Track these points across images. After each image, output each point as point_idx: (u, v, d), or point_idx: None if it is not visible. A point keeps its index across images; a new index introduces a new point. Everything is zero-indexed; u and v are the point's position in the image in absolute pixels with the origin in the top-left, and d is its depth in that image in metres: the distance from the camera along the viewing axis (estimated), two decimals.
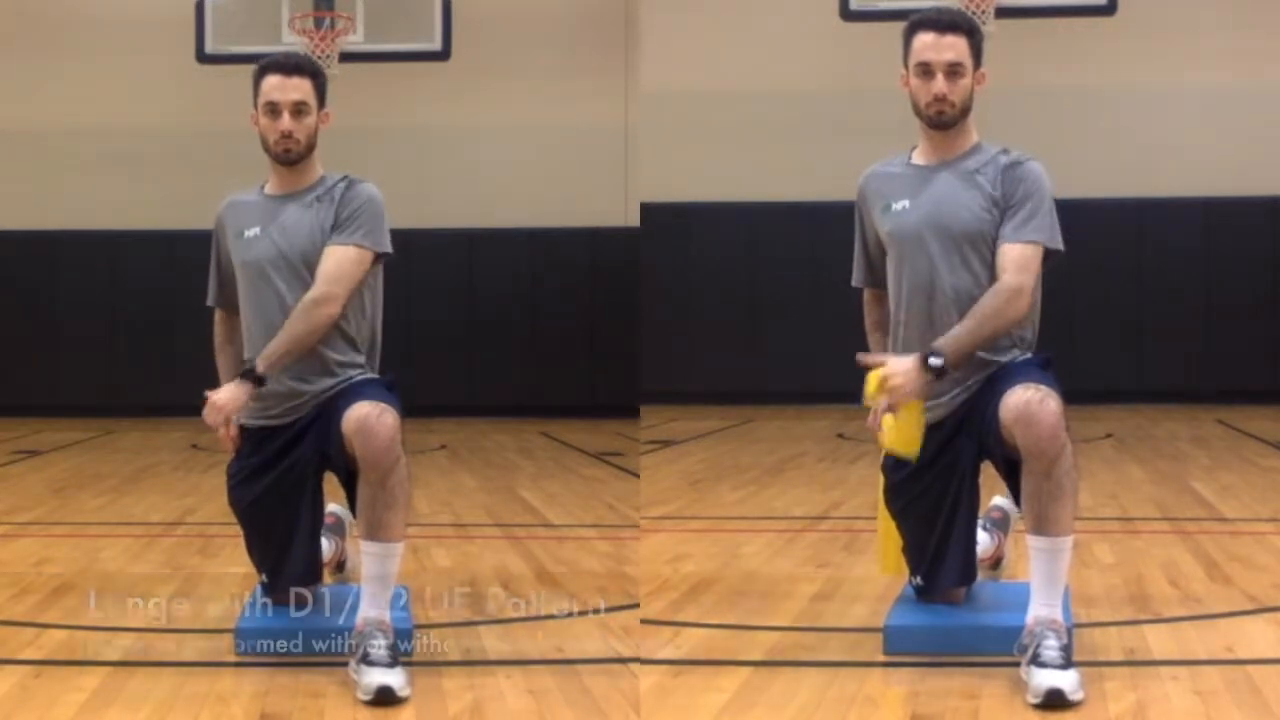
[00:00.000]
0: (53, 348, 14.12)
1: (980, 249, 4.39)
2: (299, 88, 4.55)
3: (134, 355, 14.05)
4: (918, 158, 4.56)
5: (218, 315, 4.80)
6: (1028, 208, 4.37)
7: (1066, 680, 3.89)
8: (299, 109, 4.54)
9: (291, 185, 4.61)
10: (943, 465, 4.42)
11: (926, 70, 4.42)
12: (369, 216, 4.53)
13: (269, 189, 4.66)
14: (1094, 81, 13.76)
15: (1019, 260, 4.34)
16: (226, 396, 4.34)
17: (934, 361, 4.16)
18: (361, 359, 4.56)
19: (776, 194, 14.05)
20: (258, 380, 4.34)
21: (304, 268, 4.51)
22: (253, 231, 4.58)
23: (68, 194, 14.16)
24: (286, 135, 4.53)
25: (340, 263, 4.48)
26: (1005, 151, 4.48)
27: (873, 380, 4.18)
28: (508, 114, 14.17)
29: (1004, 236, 4.37)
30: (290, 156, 4.56)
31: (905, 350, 4.40)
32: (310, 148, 4.59)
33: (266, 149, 4.60)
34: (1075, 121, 13.62)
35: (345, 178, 4.60)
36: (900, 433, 4.26)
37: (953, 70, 4.41)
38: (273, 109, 4.54)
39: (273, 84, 4.55)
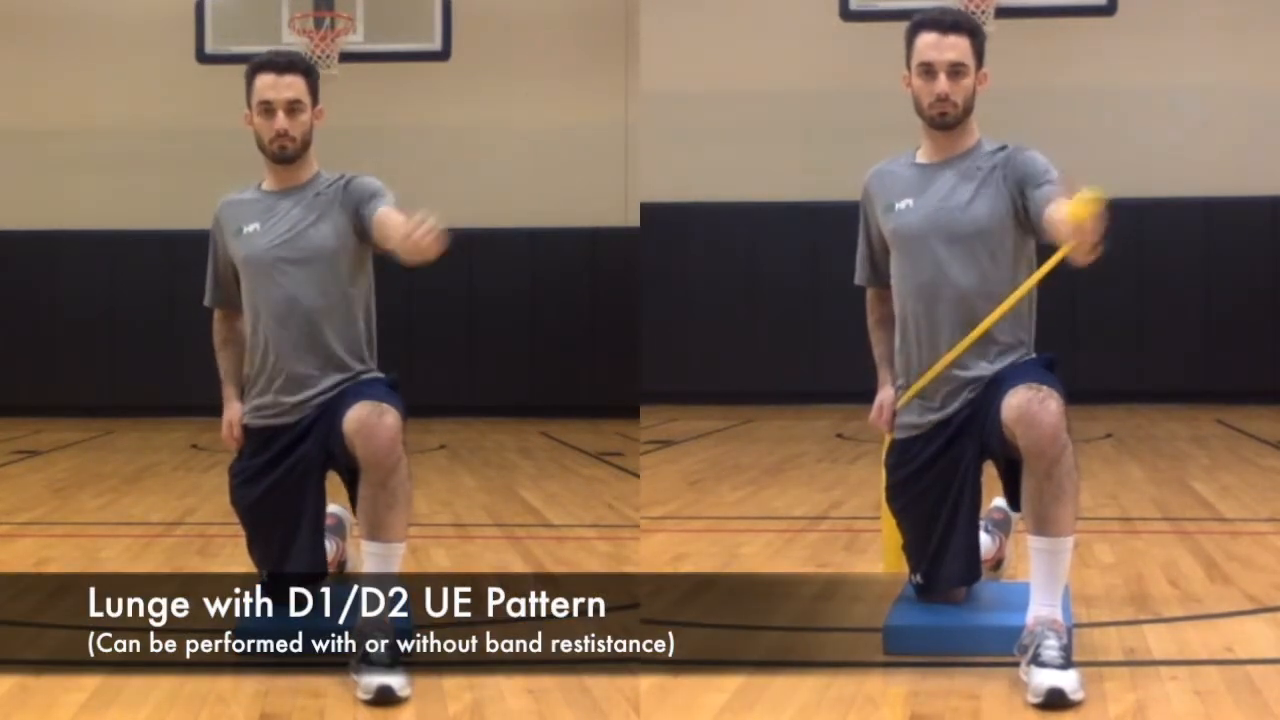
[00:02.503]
0: (53, 348, 14.11)
1: (984, 246, 4.38)
2: (292, 86, 4.53)
3: (134, 355, 14.04)
4: (920, 157, 4.55)
5: (216, 315, 4.78)
6: (1055, 179, 4.29)
7: (1067, 680, 3.89)
8: (294, 107, 4.53)
9: (289, 182, 4.60)
10: (944, 465, 4.41)
11: (929, 70, 4.41)
12: (387, 190, 4.52)
13: (266, 186, 4.65)
14: (1094, 81, 13.75)
15: None
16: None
17: None
18: (363, 357, 4.55)
19: (776, 194, 14.05)
20: None
21: (306, 259, 4.50)
22: (252, 227, 4.57)
23: (68, 194, 14.15)
24: (282, 134, 4.52)
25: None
26: (1004, 147, 4.48)
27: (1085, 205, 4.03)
28: (508, 114, 14.16)
29: (1046, 196, 4.24)
30: (287, 154, 4.55)
31: (907, 350, 4.43)
32: (306, 145, 4.58)
33: (262, 148, 4.59)
34: (1075, 121, 13.60)
35: (343, 175, 4.59)
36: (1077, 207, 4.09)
37: (955, 70, 4.40)
38: (267, 108, 4.53)
39: (266, 83, 4.53)
